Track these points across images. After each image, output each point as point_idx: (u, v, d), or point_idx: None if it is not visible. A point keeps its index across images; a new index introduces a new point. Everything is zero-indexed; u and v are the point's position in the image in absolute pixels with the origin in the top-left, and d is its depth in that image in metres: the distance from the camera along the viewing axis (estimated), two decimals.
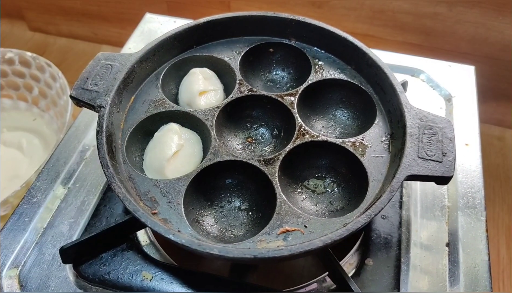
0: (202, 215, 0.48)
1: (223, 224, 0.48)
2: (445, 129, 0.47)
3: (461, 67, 0.71)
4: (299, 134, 0.51)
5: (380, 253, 0.50)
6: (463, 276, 0.49)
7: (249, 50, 0.60)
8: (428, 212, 0.55)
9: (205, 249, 0.38)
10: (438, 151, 0.46)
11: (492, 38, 0.82)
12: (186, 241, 0.39)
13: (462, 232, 0.52)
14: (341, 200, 0.49)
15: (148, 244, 0.53)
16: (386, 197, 0.42)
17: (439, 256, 0.51)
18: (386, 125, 0.52)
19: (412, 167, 0.44)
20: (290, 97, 0.54)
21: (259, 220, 0.47)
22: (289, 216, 0.44)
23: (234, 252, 0.39)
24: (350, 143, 0.50)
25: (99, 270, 0.49)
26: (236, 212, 0.49)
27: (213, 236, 0.46)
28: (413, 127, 0.47)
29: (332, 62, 0.59)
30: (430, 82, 0.69)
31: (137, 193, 0.46)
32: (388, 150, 0.50)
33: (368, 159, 0.48)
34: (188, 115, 0.53)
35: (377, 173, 0.47)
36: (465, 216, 0.54)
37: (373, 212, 0.41)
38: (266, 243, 0.42)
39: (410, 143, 0.46)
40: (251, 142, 0.55)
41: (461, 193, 0.56)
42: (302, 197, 0.50)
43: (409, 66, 0.70)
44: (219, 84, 0.58)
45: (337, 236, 0.39)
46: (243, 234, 0.46)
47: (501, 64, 0.84)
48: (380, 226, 0.52)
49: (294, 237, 0.43)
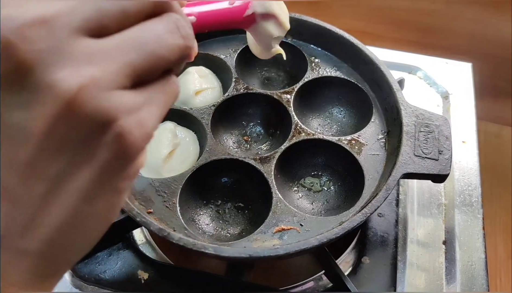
0: (198, 214, 0.47)
1: (218, 223, 0.48)
2: (442, 127, 0.47)
3: (458, 64, 0.70)
4: (295, 132, 0.50)
5: (376, 251, 0.50)
6: (460, 274, 0.49)
7: (245, 47, 0.59)
8: (424, 210, 0.55)
9: (200, 248, 0.38)
10: (435, 149, 0.45)
11: (490, 35, 0.81)
12: (181, 240, 0.39)
13: (459, 230, 0.52)
14: (337, 198, 0.49)
15: (144, 243, 0.52)
16: (382, 195, 0.42)
17: (435, 254, 0.51)
18: (383, 123, 0.52)
19: (408, 165, 0.44)
20: (286, 95, 0.54)
21: (255, 219, 0.47)
22: (284, 214, 0.44)
23: (229, 251, 0.38)
24: (346, 141, 0.50)
25: (95, 269, 0.48)
26: (231, 210, 0.49)
27: (209, 235, 0.46)
28: (409, 124, 0.47)
29: (328, 60, 0.59)
30: (427, 79, 0.69)
31: (132, 192, 0.45)
32: (384, 148, 0.49)
33: (364, 157, 0.48)
34: (184, 113, 0.52)
35: (373, 171, 0.47)
36: (462, 214, 0.54)
37: (369, 211, 0.41)
38: (261, 242, 0.42)
39: (406, 141, 0.46)
40: (247, 140, 0.55)
41: (458, 190, 0.56)
42: (298, 195, 0.49)
43: (406, 63, 0.70)
44: (216, 82, 0.58)
45: (333, 235, 0.39)
46: (239, 233, 0.46)
47: (499, 61, 0.83)
48: (376, 224, 0.52)
49: (290, 235, 0.42)
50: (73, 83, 0.18)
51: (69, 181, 0.19)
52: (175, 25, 0.21)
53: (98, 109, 0.18)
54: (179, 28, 0.21)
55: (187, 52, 0.22)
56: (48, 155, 0.19)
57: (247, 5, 0.43)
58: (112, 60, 0.19)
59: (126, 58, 0.19)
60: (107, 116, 0.18)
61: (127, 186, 0.22)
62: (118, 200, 0.22)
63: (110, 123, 0.19)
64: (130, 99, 0.19)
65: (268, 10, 0.44)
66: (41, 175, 0.19)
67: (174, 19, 0.21)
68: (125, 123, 0.19)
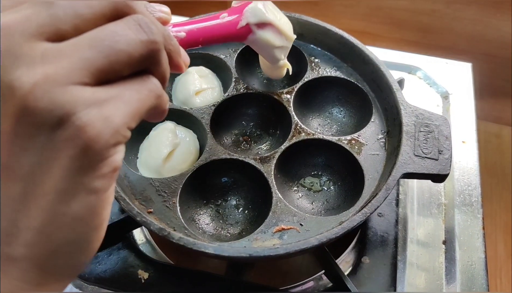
0: (198, 213, 0.47)
1: (218, 222, 0.48)
2: (442, 127, 0.47)
3: (458, 64, 0.70)
4: (295, 132, 0.50)
5: (376, 251, 0.50)
6: (460, 274, 0.49)
7: (245, 47, 0.60)
8: (424, 210, 0.55)
9: (200, 248, 0.38)
10: (434, 149, 0.45)
11: (490, 35, 0.81)
12: (181, 239, 0.39)
13: (459, 230, 0.52)
14: (337, 198, 0.49)
15: (144, 242, 0.53)
16: (382, 195, 0.42)
17: (435, 254, 0.51)
18: (382, 123, 0.52)
19: (408, 165, 0.44)
20: (286, 95, 0.54)
21: (255, 219, 0.47)
22: (284, 214, 0.44)
23: (229, 251, 0.38)
24: (346, 141, 0.50)
25: (95, 269, 0.48)
26: (232, 210, 0.49)
27: (209, 234, 0.46)
28: (409, 124, 0.47)
29: (328, 60, 0.59)
30: (427, 79, 0.69)
31: (132, 191, 0.45)
32: (384, 148, 0.49)
33: (364, 157, 0.48)
34: (184, 113, 0.52)
35: (373, 171, 0.47)
36: (461, 213, 0.54)
37: (369, 211, 0.41)
38: (261, 242, 0.42)
39: (406, 141, 0.46)
40: (247, 140, 0.55)
41: (457, 190, 0.56)
42: (298, 195, 0.49)
43: (406, 63, 0.70)
44: (216, 82, 0.58)
45: (333, 234, 0.39)
46: (239, 233, 0.46)
47: (499, 61, 0.84)
48: (376, 224, 0.52)
49: (290, 235, 0.42)
50: (26, 80, 0.18)
51: (43, 181, 0.20)
52: (136, 22, 0.21)
53: (53, 103, 0.18)
54: (140, 24, 0.21)
55: (155, 47, 0.22)
56: (18, 154, 0.19)
57: (240, 17, 0.43)
58: (66, 57, 0.19)
59: (81, 54, 0.20)
60: (63, 109, 0.19)
61: (103, 186, 0.21)
62: (97, 201, 0.21)
63: (68, 116, 0.19)
64: (89, 94, 0.19)
65: (261, 19, 0.43)
66: (15, 176, 0.19)
67: (135, 18, 0.21)
68: (84, 116, 0.19)
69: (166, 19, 0.32)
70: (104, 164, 0.20)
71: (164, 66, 0.23)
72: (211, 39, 0.41)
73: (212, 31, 0.41)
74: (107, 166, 0.21)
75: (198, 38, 0.39)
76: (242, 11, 0.43)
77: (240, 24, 0.43)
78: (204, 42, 0.40)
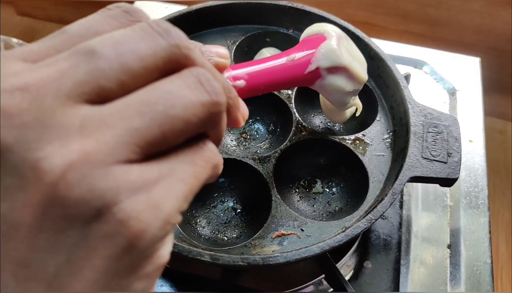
0: (194, 216, 0.45)
1: (215, 225, 0.45)
2: (451, 127, 0.45)
3: (466, 58, 0.68)
4: (296, 130, 0.48)
5: (379, 255, 0.49)
6: (465, 280, 0.47)
7: (244, 39, 0.57)
8: (429, 212, 0.53)
9: (195, 256, 0.36)
10: (443, 151, 0.43)
11: (498, 28, 0.79)
12: (176, 246, 0.36)
13: (465, 234, 0.50)
14: (340, 201, 0.47)
15: None
16: (388, 200, 0.40)
17: (440, 259, 0.49)
18: (388, 122, 0.49)
19: (415, 168, 0.42)
20: (287, 91, 0.51)
21: (253, 222, 0.45)
22: (284, 218, 0.42)
23: (226, 259, 0.36)
24: (350, 141, 0.47)
25: None
26: (229, 213, 0.46)
27: (205, 238, 0.44)
28: (417, 125, 0.45)
29: None
30: (434, 74, 0.66)
31: None
32: (390, 148, 0.47)
33: (369, 157, 0.46)
34: None
35: (378, 173, 0.45)
36: (468, 216, 0.52)
37: (374, 217, 0.39)
38: (260, 248, 0.40)
39: (413, 142, 0.44)
40: (245, 138, 0.53)
41: (464, 192, 0.54)
42: (299, 197, 0.47)
43: (412, 57, 0.67)
44: None
45: (336, 242, 0.37)
46: (236, 237, 0.44)
47: (506, 56, 0.81)
48: (379, 227, 0.50)
49: (290, 241, 0.40)
50: (58, 162, 0.14)
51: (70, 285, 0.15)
52: (196, 79, 0.17)
53: (91, 191, 0.15)
54: (201, 82, 0.17)
55: (217, 109, 0.18)
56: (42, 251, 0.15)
57: (310, 60, 0.36)
58: (110, 128, 0.15)
59: (129, 124, 0.15)
60: (103, 199, 0.15)
61: (144, 287, 0.17)
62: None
63: (109, 207, 0.15)
64: (136, 175, 0.15)
65: (336, 63, 0.37)
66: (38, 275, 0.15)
67: (194, 73, 0.17)
68: (128, 207, 0.15)
69: (224, 65, 0.26)
70: (148, 263, 0.16)
71: (222, 127, 0.19)
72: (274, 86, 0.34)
73: (276, 75, 0.34)
74: (152, 265, 0.17)
75: (259, 86, 0.33)
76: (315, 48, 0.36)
77: (309, 69, 0.36)
78: (266, 90, 0.34)
